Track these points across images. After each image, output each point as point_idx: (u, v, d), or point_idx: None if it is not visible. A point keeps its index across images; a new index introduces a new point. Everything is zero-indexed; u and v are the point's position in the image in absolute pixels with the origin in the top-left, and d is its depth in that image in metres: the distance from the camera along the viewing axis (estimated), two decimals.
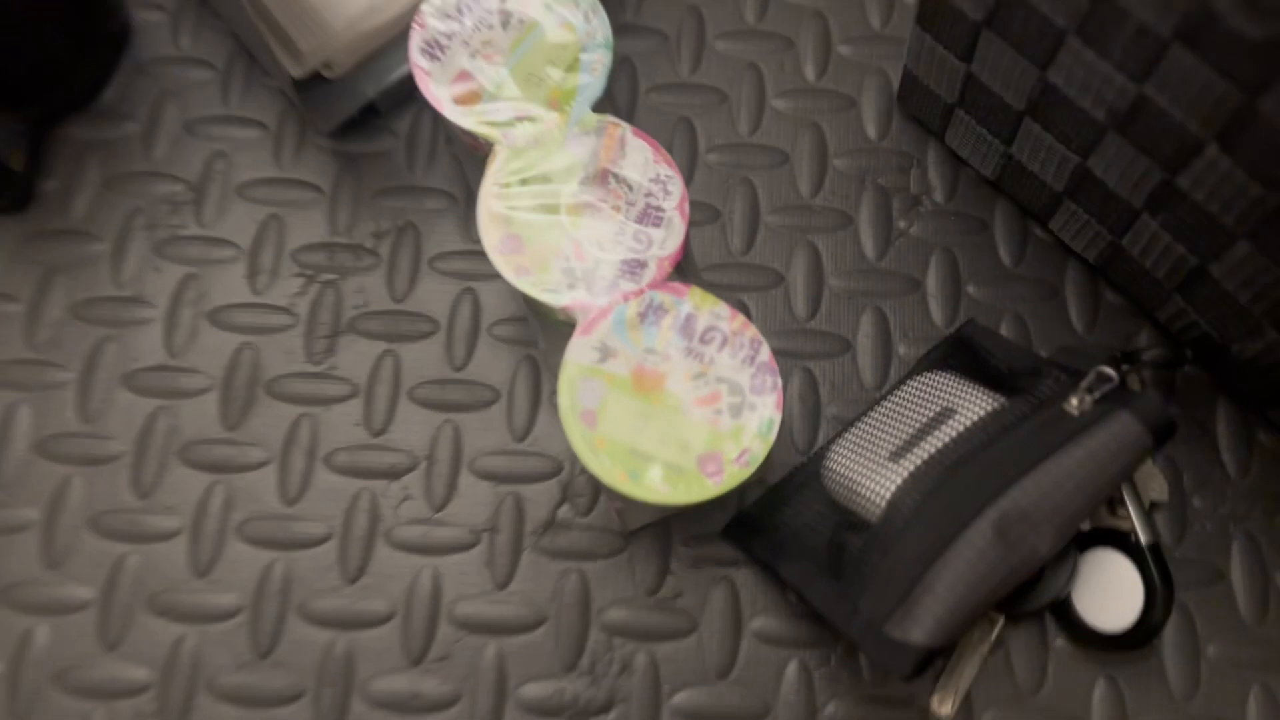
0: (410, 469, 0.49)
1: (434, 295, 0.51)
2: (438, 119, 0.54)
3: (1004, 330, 0.50)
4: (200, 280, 0.51)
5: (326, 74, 0.52)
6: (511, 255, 0.43)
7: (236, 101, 0.54)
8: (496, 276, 0.52)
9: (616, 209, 0.44)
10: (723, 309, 0.43)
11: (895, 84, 0.54)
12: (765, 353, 0.42)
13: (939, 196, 0.52)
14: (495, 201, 0.44)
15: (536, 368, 0.50)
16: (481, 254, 0.52)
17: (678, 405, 0.42)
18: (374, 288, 0.51)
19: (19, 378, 0.50)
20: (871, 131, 0.53)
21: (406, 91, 0.54)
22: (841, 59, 0.55)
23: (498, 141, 0.45)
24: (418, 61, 0.46)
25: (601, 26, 0.47)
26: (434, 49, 0.47)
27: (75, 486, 0.48)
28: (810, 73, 0.54)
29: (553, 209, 0.44)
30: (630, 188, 0.44)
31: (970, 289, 0.51)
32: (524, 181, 0.45)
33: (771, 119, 0.54)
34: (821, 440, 0.49)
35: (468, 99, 0.46)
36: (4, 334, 0.50)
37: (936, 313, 0.51)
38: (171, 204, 0.52)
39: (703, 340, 0.42)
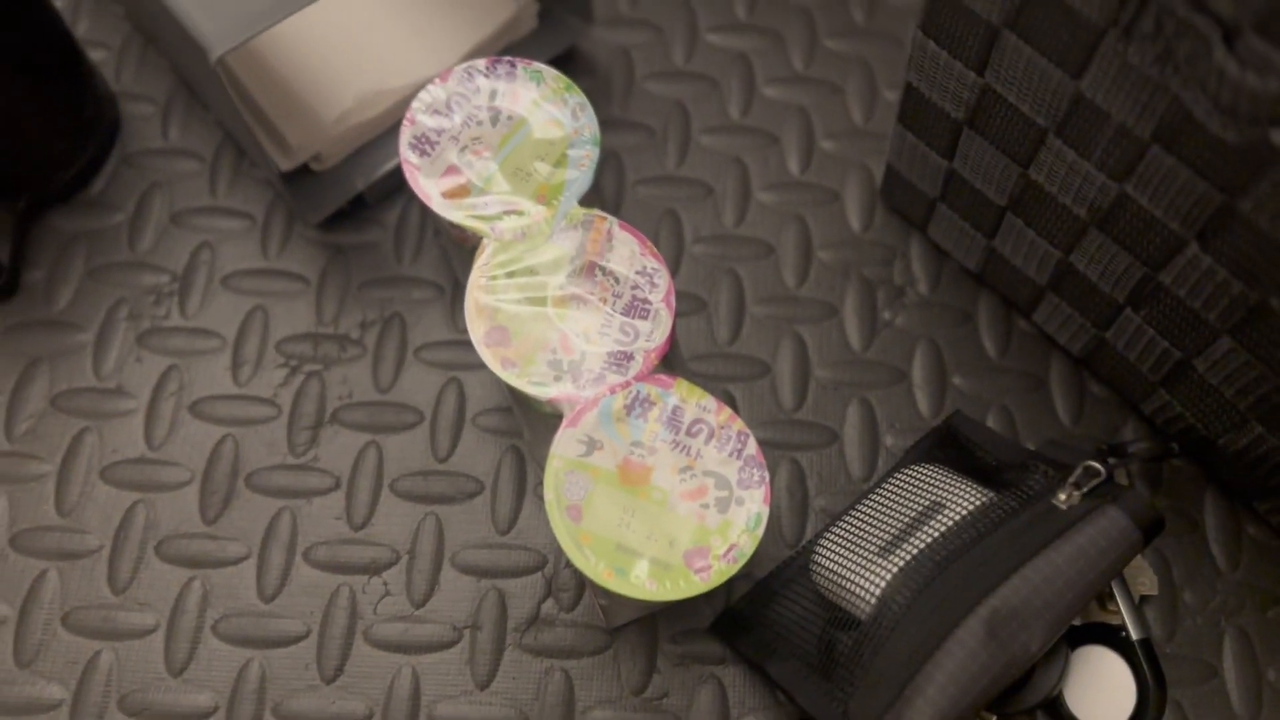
0: (391, 564, 0.48)
1: (419, 385, 0.51)
2: (426, 211, 0.54)
3: (990, 422, 0.50)
4: (182, 371, 0.51)
5: (315, 166, 0.53)
6: (497, 347, 0.43)
7: (224, 192, 0.54)
8: (482, 366, 0.51)
9: (603, 301, 0.44)
10: (709, 401, 0.42)
11: (878, 178, 0.55)
12: (752, 446, 0.42)
13: (923, 288, 0.53)
14: (482, 294, 0.44)
15: (521, 459, 0.50)
16: (467, 343, 0.52)
17: (664, 499, 0.41)
18: (358, 378, 0.51)
19: None
20: (855, 224, 0.54)
21: (395, 183, 0.54)
22: (825, 154, 0.55)
23: (485, 235, 0.45)
24: (407, 157, 0.47)
25: (589, 123, 0.47)
26: (423, 144, 0.47)
27: (50, 581, 0.47)
28: (794, 166, 0.55)
29: (539, 301, 0.44)
30: (617, 280, 0.45)
31: (956, 380, 0.51)
32: (511, 274, 0.45)
33: (756, 212, 0.54)
34: (810, 533, 0.49)
35: (456, 193, 0.46)
36: None
37: (923, 404, 0.50)
38: (156, 295, 0.52)
39: (689, 433, 0.42)
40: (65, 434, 0.49)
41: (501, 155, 0.47)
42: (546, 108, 0.48)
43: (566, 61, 0.58)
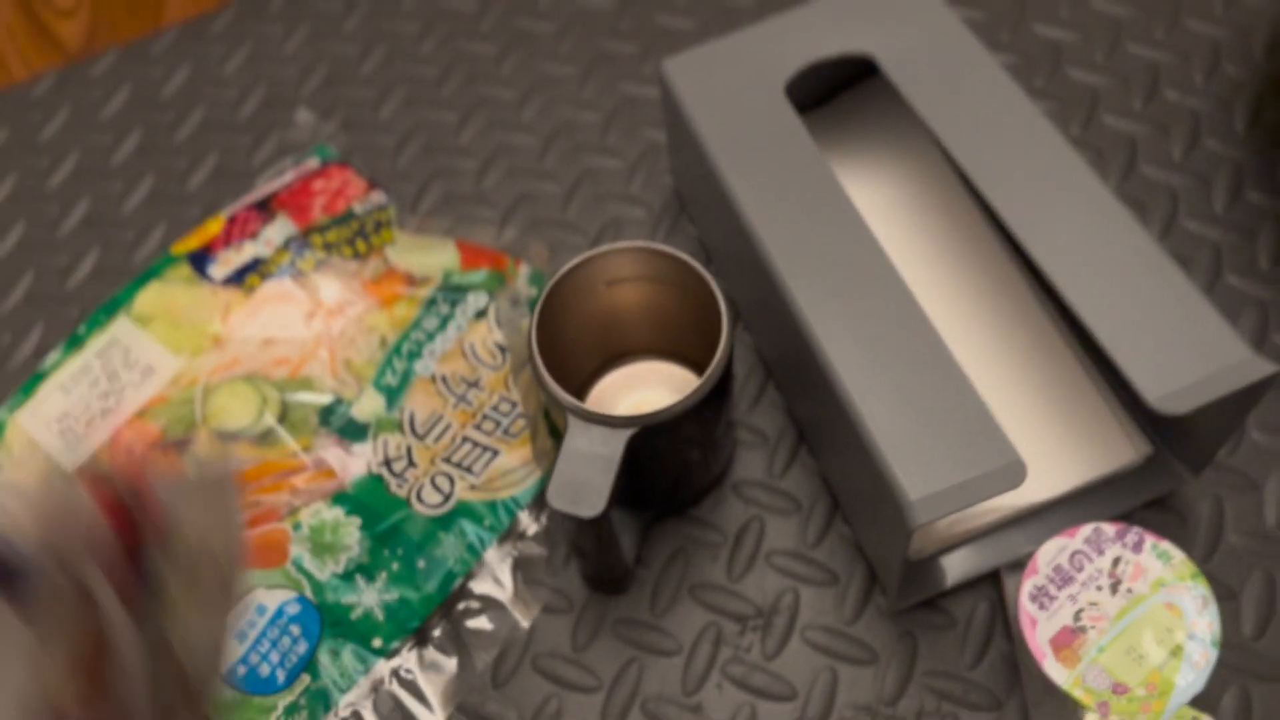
0: None
1: None
2: (997, 616, 0.58)
3: None
4: (755, 711, 0.56)
5: (912, 556, 0.57)
6: None
7: (812, 541, 0.60)
8: None
9: None
10: None
11: None
12: None
13: None
14: None
15: None
16: None
17: None
18: None
19: None
20: None
21: (971, 584, 0.58)
22: None
23: (1089, 709, 0.48)
24: (1027, 607, 0.50)
25: (1212, 621, 0.49)
26: (1043, 597, 0.50)
27: None
28: None
29: None
30: None
31: None
32: None
33: None
34: None
35: (1068, 658, 0.49)
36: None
37: None
38: (741, 624, 0.58)
39: None
40: None
41: (1116, 630, 0.50)
42: (1169, 591, 0.50)
43: (1157, 506, 0.60)
